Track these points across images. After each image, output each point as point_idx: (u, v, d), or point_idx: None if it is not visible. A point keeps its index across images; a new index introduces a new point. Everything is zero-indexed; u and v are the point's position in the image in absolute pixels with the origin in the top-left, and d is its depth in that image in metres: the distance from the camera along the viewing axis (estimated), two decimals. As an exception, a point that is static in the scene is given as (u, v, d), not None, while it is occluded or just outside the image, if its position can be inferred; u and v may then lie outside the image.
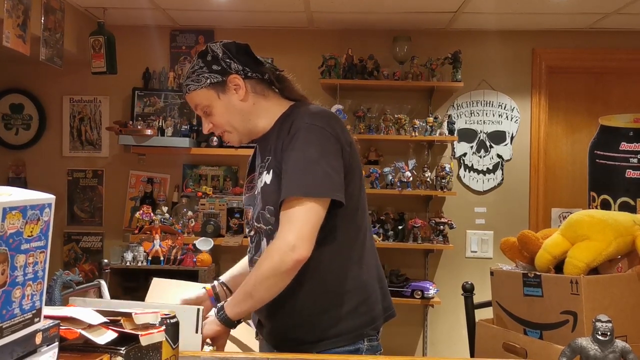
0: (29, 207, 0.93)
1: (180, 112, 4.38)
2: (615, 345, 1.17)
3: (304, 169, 1.58)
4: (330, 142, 1.62)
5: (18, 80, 4.52)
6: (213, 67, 1.69)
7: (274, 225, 1.64)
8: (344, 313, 1.66)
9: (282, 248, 1.55)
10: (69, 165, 4.52)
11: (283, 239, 1.56)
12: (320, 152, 1.60)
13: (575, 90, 4.44)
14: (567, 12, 3.88)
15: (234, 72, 1.69)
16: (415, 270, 4.34)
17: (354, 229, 1.71)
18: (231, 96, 1.70)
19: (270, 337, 1.75)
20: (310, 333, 1.66)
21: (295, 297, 1.65)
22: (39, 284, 0.97)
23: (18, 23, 3.08)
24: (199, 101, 1.72)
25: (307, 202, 1.56)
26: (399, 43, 4.19)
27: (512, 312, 2.33)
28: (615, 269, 2.16)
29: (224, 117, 1.72)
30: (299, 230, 1.55)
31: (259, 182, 1.71)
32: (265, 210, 1.67)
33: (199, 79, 1.69)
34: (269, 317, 1.72)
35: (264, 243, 1.70)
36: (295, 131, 1.62)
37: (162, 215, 4.08)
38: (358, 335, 1.67)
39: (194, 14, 4.16)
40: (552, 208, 4.43)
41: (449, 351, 4.32)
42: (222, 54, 1.69)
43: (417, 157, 4.29)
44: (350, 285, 1.67)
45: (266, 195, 1.67)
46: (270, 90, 1.76)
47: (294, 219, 1.56)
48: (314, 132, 1.61)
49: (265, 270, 1.57)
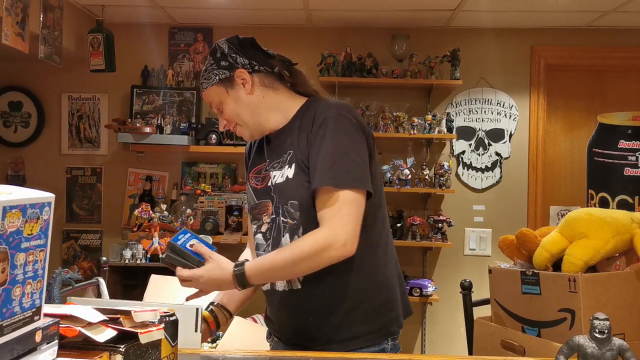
0: (29, 206, 0.93)
1: (179, 110, 4.38)
2: (612, 343, 1.18)
3: (338, 158, 1.56)
4: (358, 132, 1.61)
5: (17, 77, 4.51)
6: (221, 64, 1.69)
7: (299, 219, 1.61)
8: (371, 311, 1.64)
9: (330, 240, 1.51)
10: (68, 162, 4.52)
11: (332, 232, 1.52)
12: (350, 141, 1.59)
13: (574, 88, 4.45)
14: (565, 10, 3.89)
15: (240, 66, 1.68)
16: (414, 267, 4.34)
17: (379, 224, 1.69)
18: (239, 90, 1.69)
19: (291, 338, 1.71)
20: (338, 332, 1.64)
21: (326, 297, 1.62)
22: (39, 282, 0.98)
23: (17, 21, 3.08)
24: (212, 98, 1.73)
25: (348, 195, 1.53)
26: (397, 41, 4.19)
27: (510, 309, 2.33)
28: (613, 267, 2.17)
29: (234, 112, 1.71)
30: (347, 225, 1.52)
31: (276, 176, 1.67)
32: (289, 205, 1.63)
33: (210, 76, 1.70)
34: (293, 317, 1.69)
35: (286, 239, 1.64)
36: (322, 121, 1.60)
37: (161, 212, 4.08)
38: (385, 333, 1.66)
39: (192, 12, 4.15)
40: (551, 206, 4.43)
41: (447, 349, 4.33)
42: (228, 49, 1.69)
43: (416, 154, 4.29)
44: (378, 283, 1.67)
45: (290, 189, 1.63)
46: (280, 84, 1.73)
47: (341, 213, 1.53)
48: (343, 122, 1.60)
49: (306, 252, 1.53)
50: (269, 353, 1.58)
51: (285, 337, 1.74)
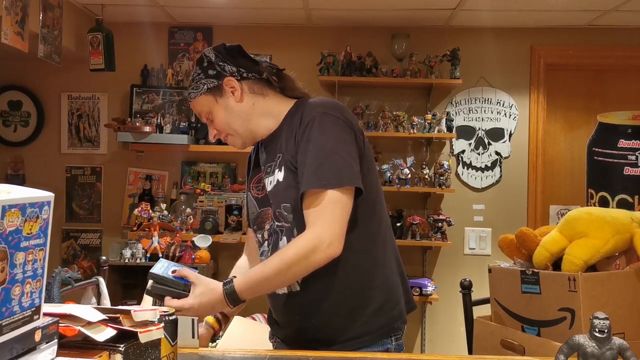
0: (28, 205, 0.93)
1: (178, 109, 4.38)
2: (612, 343, 1.17)
3: (324, 159, 1.55)
4: (346, 130, 1.60)
5: (16, 77, 4.51)
6: (209, 72, 1.68)
7: (293, 222, 1.61)
8: (373, 310, 1.64)
9: (315, 242, 1.51)
10: (68, 162, 4.52)
11: (316, 234, 1.51)
12: (337, 140, 1.57)
13: (574, 87, 4.44)
14: (565, 9, 3.88)
15: (228, 74, 1.67)
16: (414, 267, 4.34)
17: (376, 222, 1.68)
18: (228, 99, 1.68)
19: (294, 339, 1.70)
20: (339, 333, 1.63)
21: (326, 297, 1.62)
22: (38, 281, 0.98)
23: (16, 20, 3.08)
24: (200, 108, 1.72)
25: (333, 195, 1.52)
26: (397, 40, 4.19)
27: (510, 309, 2.33)
28: (613, 267, 2.17)
29: (225, 121, 1.70)
30: (332, 226, 1.51)
31: (270, 181, 1.67)
32: (282, 208, 1.63)
33: (198, 86, 1.69)
34: (296, 318, 1.68)
35: (283, 242, 1.64)
36: (308, 121, 1.59)
37: (161, 212, 4.08)
38: (388, 330, 1.65)
39: (192, 11, 4.15)
40: (550, 205, 4.44)
41: (447, 348, 4.33)
42: (215, 57, 1.67)
43: (416, 154, 4.29)
44: (378, 281, 1.66)
45: (280, 192, 1.63)
46: (269, 89, 1.72)
47: (325, 213, 1.52)
48: (328, 121, 1.59)
49: (292, 259, 1.53)
50: (268, 352, 1.58)
51: (289, 339, 1.73)
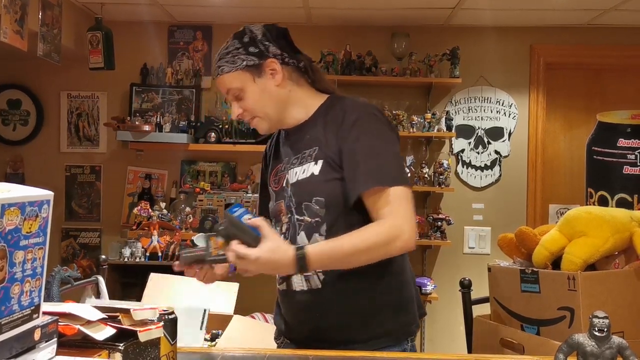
0: (28, 204, 0.93)
1: (178, 108, 4.38)
2: (612, 342, 1.17)
3: (381, 158, 1.55)
4: (391, 130, 1.62)
5: (15, 75, 4.50)
6: (250, 49, 1.60)
7: (324, 217, 1.57)
8: (393, 310, 1.63)
9: (397, 232, 1.50)
10: (67, 161, 4.51)
11: (397, 224, 1.50)
12: (386, 139, 1.58)
13: (573, 86, 4.44)
14: (565, 8, 3.88)
15: (272, 55, 1.61)
16: (413, 266, 4.27)
17: None
18: (267, 81, 1.61)
19: (307, 339, 1.64)
20: (359, 332, 1.60)
21: (348, 296, 1.59)
22: (38, 280, 0.98)
23: (16, 19, 3.07)
24: (231, 84, 1.62)
25: (401, 191, 1.52)
26: (397, 39, 4.19)
27: (509, 308, 2.33)
28: (612, 266, 2.17)
29: (258, 103, 1.63)
30: (409, 220, 1.51)
31: (295, 173, 1.63)
32: (313, 202, 1.58)
33: (235, 60, 1.60)
34: (316, 315, 1.62)
35: (301, 237, 1.60)
36: (354, 120, 1.57)
37: (160, 211, 4.08)
38: (406, 332, 1.64)
39: (192, 10, 4.15)
40: (550, 204, 4.44)
41: (446, 347, 4.33)
42: (262, 35, 1.61)
43: (415, 153, 4.29)
44: (400, 283, 1.66)
45: (313, 185, 1.59)
46: (303, 80, 1.68)
47: (400, 208, 1.51)
48: (376, 121, 1.59)
49: (374, 242, 1.50)
50: (268, 351, 1.57)
51: (300, 338, 1.68)
